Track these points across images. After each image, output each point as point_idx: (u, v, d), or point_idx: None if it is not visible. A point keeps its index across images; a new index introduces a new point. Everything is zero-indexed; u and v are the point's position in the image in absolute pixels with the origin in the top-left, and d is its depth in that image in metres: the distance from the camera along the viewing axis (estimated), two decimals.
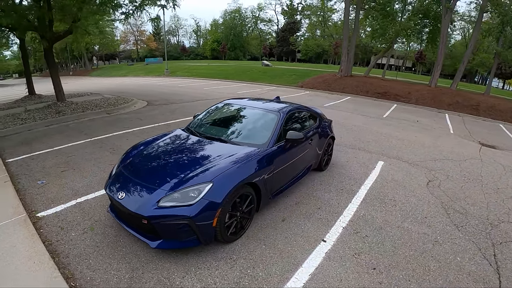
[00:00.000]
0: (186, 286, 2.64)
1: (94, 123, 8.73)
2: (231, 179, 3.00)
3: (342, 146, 6.87)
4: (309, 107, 5.10)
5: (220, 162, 3.21)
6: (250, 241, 3.28)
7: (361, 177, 5.10)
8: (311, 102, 12.69)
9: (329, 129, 5.31)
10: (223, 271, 2.82)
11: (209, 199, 2.81)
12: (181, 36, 76.32)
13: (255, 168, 3.27)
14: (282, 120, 3.98)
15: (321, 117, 5.28)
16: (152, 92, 16.61)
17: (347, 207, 4.06)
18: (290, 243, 3.26)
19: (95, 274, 2.79)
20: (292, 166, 4.08)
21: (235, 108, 4.64)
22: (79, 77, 39.08)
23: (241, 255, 3.05)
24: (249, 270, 2.84)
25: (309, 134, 4.53)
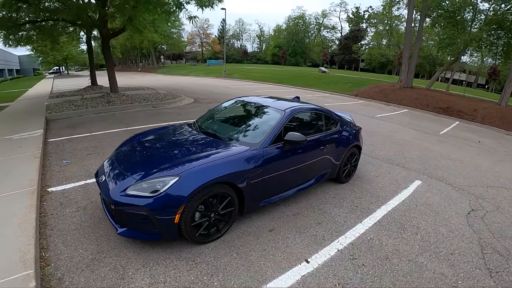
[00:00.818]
0: (136, 279, 2.51)
1: (137, 115, 9.36)
2: (201, 175, 2.76)
3: (378, 159, 6.05)
4: (329, 110, 4.53)
5: (197, 157, 3.00)
6: (223, 246, 2.98)
7: (386, 196, 4.34)
8: (362, 112, 11.73)
9: (354, 137, 4.65)
10: (179, 273, 2.60)
11: (172, 193, 2.64)
12: (245, 40, 79.34)
13: (236, 168, 2.97)
14: (285, 120, 3.58)
15: (345, 122, 4.67)
16: (203, 90, 17.33)
17: (354, 227, 3.44)
18: (266, 256, 2.85)
19: (65, 249, 2.86)
20: (295, 172, 3.66)
21: (244, 105, 4.39)
22: (145, 73, 43.21)
23: (206, 259, 2.78)
24: (205, 277, 2.55)
25: (321, 139, 4.02)
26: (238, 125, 3.92)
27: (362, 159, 5.92)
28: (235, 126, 3.89)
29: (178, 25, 49.68)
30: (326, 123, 4.28)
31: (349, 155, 4.56)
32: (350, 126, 4.73)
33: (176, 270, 2.63)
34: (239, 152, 3.14)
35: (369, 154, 6.37)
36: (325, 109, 4.49)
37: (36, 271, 2.49)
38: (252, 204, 3.28)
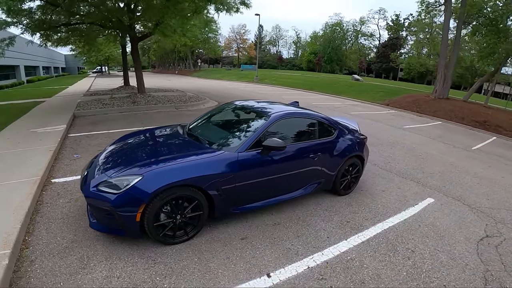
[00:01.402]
0: (95, 270, 2.59)
1: (158, 115, 9.73)
2: (164, 177, 2.76)
3: (391, 173, 5.57)
4: (324, 117, 4.22)
5: (166, 159, 3.02)
6: (188, 250, 2.92)
7: (386, 212, 3.94)
8: (390, 122, 11.03)
9: (355, 147, 4.29)
10: (135, 270, 2.60)
11: (133, 192, 2.68)
12: (281, 47, 79.60)
13: (203, 172, 2.92)
14: (267, 126, 3.43)
15: (345, 131, 4.33)
16: (230, 94, 17.60)
17: (336, 244, 3.15)
18: (226, 265, 2.72)
19: (46, 235, 3.05)
20: (278, 180, 3.49)
21: (237, 109, 4.30)
22: (181, 76, 45.18)
23: (166, 260, 2.74)
24: (158, 278, 2.51)
25: (310, 147, 3.78)
26: (223, 129, 3.89)
27: (372, 171, 5.51)
28: (220, 130, 3.86)
29: (215, 30, 51.36)
30: (319, 130, 4.01)
31: (348, 166, 4.23)
32: (351, 134, 4.39)
33: (134, 267, 2.63)
34: (209, 156, 3.09)
35: (383, 166, 5.91)
36: (319, 115, 4.21)
37: (13, 252, 2.66)
38: (223, 210, 3.18)
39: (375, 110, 14.36)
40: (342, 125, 4.44)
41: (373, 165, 5.90)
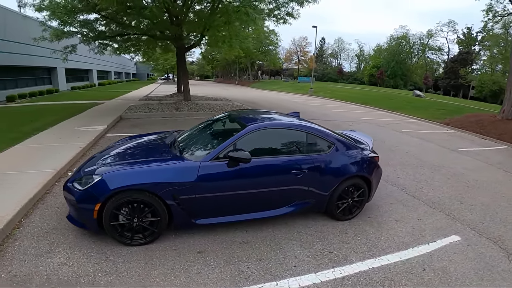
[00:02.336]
0: (55, 255, 2.81)
1: (194, 122, 10.12)
2: (120, 180, 2.86)
3: (418, 200, 4.72)
4: (319, 130, 3.76)
5: (126, 163, 3.20)
6: (142, 253, 2.92)
7: (387, 248, 3.26)
8: (445, 143, 9.53)
9: (358, 167, 3.70)
10: (86, 262, 2.75)
11: (92, 190, 2.84)
12: (343, 60, 76.58)
13: (158, 178, 2.91)
14: (239, 136, 3.24)
15: (346, 146, 3.78)
16: (277, 105, 17.59)
17: (300, 276, 2.71)
18: (167, 276, 2.59)
19: (38, 220, 3.43)
20: (251, 195, 3.26)
21: (225, 119, 4.17)
22: (240, 86, 46.93)
23: (116, 259, 2.80)
24: (99, 274, 2.59)
25: (294, 163, 3.39)
26: (202, 138, 3.78)
27: (394, 196, 4.77)
28: (199, 139, 3.75)
29: (275, 42, 52.39)
30: (309, 145, 3.57)
31: (347, 187, 3.67)
32: (355, 151, 3.82)
33: (87, 259, 2.76)
34: (169, 163, 3.12)
35: (411, 191, 5.04)
36: (314, 128, 3.77)
37: (3, 229, 3.04)
38: (184, 220, 3.09)
39: (431, 129, 12.62)
40: (344, 140, 3.88)
41: (398, 189, 5.10)
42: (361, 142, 4.21)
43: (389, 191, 4.97)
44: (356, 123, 12.14)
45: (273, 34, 51.85)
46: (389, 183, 5.39)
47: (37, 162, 5.00)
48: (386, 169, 6.08)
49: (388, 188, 5.11)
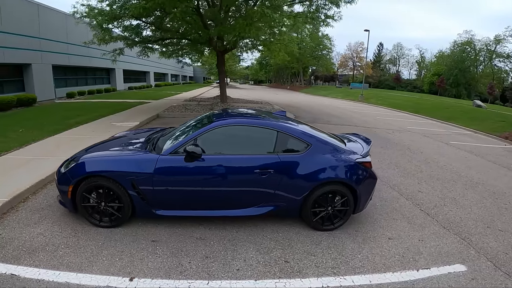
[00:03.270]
0: (39, 226, 3.21)
1: None
2: (88, 166, 3.14)
3: (432, 218, 4.01)
4: (292, 129, 3.44)
5: (103, 153, 3.43)
6: (102, 235, 3.13)
7: (359, 268, 2.80)
8: (496, 159, 7.93)
9: (339, 171, 3.28)
10: (55, 236, 3.06)
11: (68, 173, 3.18)
12: (401, 66, 70.68)
13: (121, 167, 3.11)
14: (201, 132, 3.25)
15: (327, 148, 3.39)
16: (318, 110, 17.07)
17: (237, 280, 2.53)
18: (113, 256, 2.75)
19: (42, 198, 3.93)
20: (210, 192, 3.21)
21: (208, 116, 4.10)
22: (290, 91, 46.58)
23: (82, 236, 3.09)
24: (62, 246, 2.91)
25: (257, 162, 3.18)
26: (177, 133, 3.78)
27: (403, 212, 4.17)
28: (174, 135, 3.74)
29: (328, 46, 50.96)
30: (279, 144, 3.29)
31: (324, 193, 3.28)
32: (337, 154, 3.39)
33: (60, 233, 3.11)
34: (132, 155, 3.33)
35: (427, 208, 4.31)
36: (287, 126, 3.46)
37: (9, 201, 3.58)
38: (144, 209, 3.18)
39: (486, 142, 10.75)
40: (325, 141, 3.50)
41: (412, 204, 4.43)
42: (350, 145, 3.78)
43: (398, 206, 4.36)
44: (397, 132, 11.04)
45: (326, 38, 50.54)
46: (403, 196, 4.74)
47: (63, 150, 5.63)
48: (408, 181, 5.43)
49: (399, 202, 4.48)
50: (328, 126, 11.28)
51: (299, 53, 46.23)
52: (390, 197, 4.67)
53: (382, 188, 4.98)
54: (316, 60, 52.43)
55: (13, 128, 7.64)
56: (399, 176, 5.75)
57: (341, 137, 4.20)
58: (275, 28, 11.56)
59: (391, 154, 7.45)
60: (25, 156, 5.31)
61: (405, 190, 5.02)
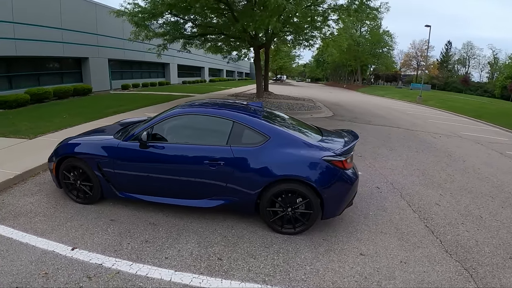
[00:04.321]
0: (33, 198, 3.65)
1: None
2: (66, 148, 3.54)
3: (435, 238, 3.26)
4: (248, 119, 3.18)
5: (83, 138, 3.73)
6: (73, 209, 3.41)
7: (297, 281, 2.42)
8: None
9: (299, 168, 2.90)
10: (43, 205, 3.48)
11: (53, 153, 3.58)
12: (472, 67, 60.96)
13: (88, 150, 3.37)
14: (158, 120, 3.28)
15: (291, 141, 3.04)
16: (361, 109, 15.91)
17: (157, 267, 2.46)
18: (69, 228, 3.02)
19: (44, 176, 4.34)
20: (164, 180, 3.19)
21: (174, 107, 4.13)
22: (345, 90, 44.09)
23: (58, 208, 3.42)
24: (40, 215, 3.26)
25: (206, 153, 3.03)
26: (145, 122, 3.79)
27: (401, 227, 3.53)
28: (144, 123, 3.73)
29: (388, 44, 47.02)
30: (234, 135, 3.06)
31: (281, 192, 2.93)
32: (300, 150, 2.98)
33: (45, 204, 3.50)
34: (100, 139, 3.52)
35: (436, 226, 3.54)
36: (244, 117, 3.19)
37: (21, 174, 4.13)
38: (109, 190, 3.35)
39: None
40: (287, 135, 3.12)
41: (417, 219, 3.70)
42: (326, 141, 3.33)
43: (397, 218, 3.70)
44: (445, 137, 9.55)
45: (387, 35, 46.67)
46: (411, 207, 4.02)
47: None
48: (428, 192, 4.62)
49: (402, 214, 3.80)
50: (366, 126, 10.39)
51: (357, 50, 43.55)
52: (394, 207, 4.01)
53: (389, 196, 4.33)
54: (376, 58, 48.80)
55: (60, 114, 8.71)
56: (420, 184, 4.93)
57: (325, 131, 3.78)
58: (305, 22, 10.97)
59: (423, 159, 6.46)
60: (55, 139, 5.99)
61: (419, 201, 4.26)
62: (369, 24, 44.96)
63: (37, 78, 13.48)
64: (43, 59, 14.03)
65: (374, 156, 6.44)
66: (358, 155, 6.30)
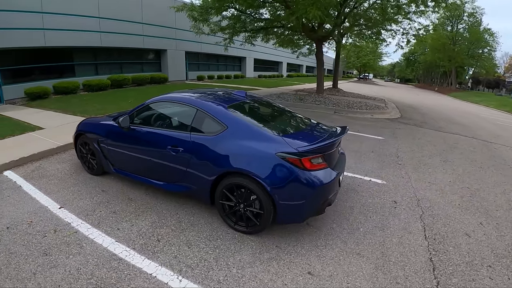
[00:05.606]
0: (54, 166, 4.45)
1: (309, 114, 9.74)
2: (81, 126, 4.15)
3: (431, 278, 2.63)
4: (209, 107, 3.11)
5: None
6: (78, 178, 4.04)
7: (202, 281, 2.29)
8: None
9: (246, 162, 2.69)
10: (54, 169, 4.28)
11: (77, 128, 4.23)
12: None
13: (92, 129, 3.98)
14: (139, 107, 3.56)
15: (248, 133, 2.82)
16: (436, 114, 13.46)
17: (108, 237, 2.71)
18: (59, 193, 3.53)
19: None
20: (143, 161, 3.41)
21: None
22: (435, 93, 37.69)
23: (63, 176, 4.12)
24: (44, 179, 4.02)
25: (170, 138, 3.13)
26: None
27: (392, 255, 2.94)
28: None
29: (489, 44, 38.00)
30: (196, 122, 3.06)
31: (233, 186, 2.78)
32: (255, 143, 2.72)
33: (67, 170, 4.31)
34: (101, 121, 4.03)
35: (450, 261, 2.72)
36: (206, 105, 3.14)
37: (63, 145, 5.11)
38: (106, 165, 3.85)
39: None
40: (246, 124, 2.92)
41: (425, 249, 2.90)
42: (298, 136, 2.98)
43: (394, 243, 2.96)
44: None
45: (488, 33, 37.77)
46: (425, 232, 3.18)
47: None
48: (464, 217, 3.68)
49: (405, 239, 3.04)
50: (432, 132, 8.80)
51: (453, 49, 36.80)
52: (400, 227, 3.26)
53: (403, 214, 3.56)
54: (474, 60, 40.24)
55: (129, 99, 10.07)
56: (458, 207, 3.89)
57: (315, 126, 3.42)
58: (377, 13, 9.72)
59: (483, 177, 5.06)
60: None
61: (442, 226, 3.34)
62: (467, 21, 37.29)
63: (119, 67, 15.72)
64: (126, 50, 15.76)
65: (417, 166, 5.40)
66: (398, 163, 5.42)
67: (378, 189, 4.24)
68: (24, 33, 10.35)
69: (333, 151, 2.96)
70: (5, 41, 9.78)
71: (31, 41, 10.71)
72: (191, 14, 11.21)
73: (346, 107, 11.34)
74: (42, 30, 10.99)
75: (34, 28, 10.69)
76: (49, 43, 11.30)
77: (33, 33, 10.67)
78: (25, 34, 10.41)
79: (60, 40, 11.77)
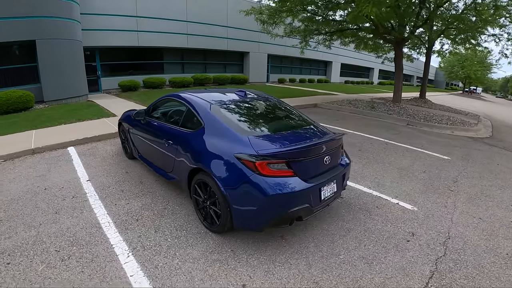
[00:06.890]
0: (106, 148, 5.63)
1: (373, 124, 9.05)
2: (122, 116, 5.00)
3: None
4: (197, 106, 3.23)
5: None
6: (116, 159, 4.90)
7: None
8: None
9: (207, 160, 2.75)
10: (104, 152, 5.33)
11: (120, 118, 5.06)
12: None
13: (125, 120, 4.75)
14: (157, 101, 4.02)
15: (221, 131, 2.84)
16: None
17: (101, 215, 3.15)
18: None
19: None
20: (152, 150, 3.86)
21: None
22: None
23: (100, 153, 5.12)
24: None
25: (166, 131, 3.52)
26: None
27: None
28: None
29: None
30: (185, 118, 3.33)
31: (201, 182, 2.87)
32: (222, 142, 2.75)
33: (106, 151, 5.25)
34: (131, 112, 4.66)
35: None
36: (194, 102, 3.31)
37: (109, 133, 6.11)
38: (133, 150, 4.50)
39: None
40: (220, 123, 2.92)
41: None
42: (273, 138, 2.83)
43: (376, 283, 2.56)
44: None
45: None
46: (433, 279, 2.52)
47: None
48: (506, 274, 2.82)
49: (394, 281, 2.55)
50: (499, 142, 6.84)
51: None
52: (395, 268, 2.63)
53: (415, 251, 2.86)
54: None
55: None
56: (505, 258, 2.85)
57: (299, 126, 3.27)
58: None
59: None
60: None
61: (460, 280, 2.52)
62: None
63: (204, 67, 17.59)
64: (210, 51, 17.35)
65: (474, 196, 4.22)
66: (450, 189, 4.40)
67: (400, 215, 3.52)
68: (121, 34, 12.97)
69: (311, 159, 2.69)
70: (105, 40, 12.46)
71: (127, 41, 13.33)
72: (259, 17, 11.61)
73: (422, 119, 9.71)
74: (136, 32, 13.48)
75: (129, 30, 13.25)
76: (142, 43, 13.78)
77: (128, 34, 13.26)
78: (122, 35, 13.02)
79: (151, 41, 14.19)
